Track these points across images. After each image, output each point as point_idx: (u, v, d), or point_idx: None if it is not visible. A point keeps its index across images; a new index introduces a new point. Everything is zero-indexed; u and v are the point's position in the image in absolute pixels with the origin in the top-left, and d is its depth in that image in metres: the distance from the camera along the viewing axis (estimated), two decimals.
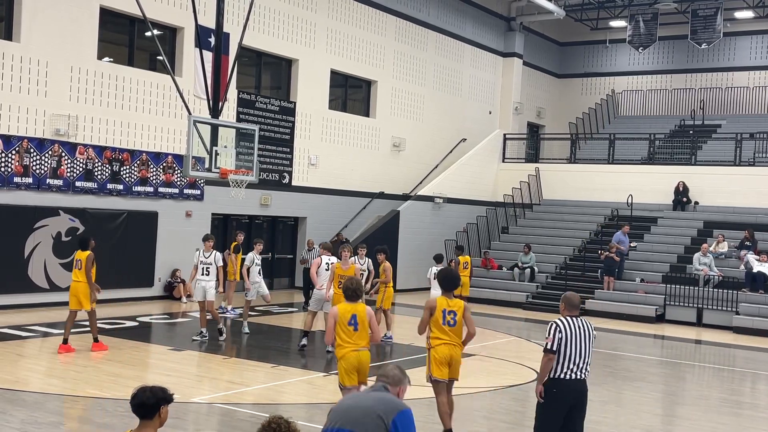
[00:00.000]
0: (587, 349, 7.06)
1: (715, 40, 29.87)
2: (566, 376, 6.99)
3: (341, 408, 4.68)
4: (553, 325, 7.09)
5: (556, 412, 7.05)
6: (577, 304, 7.22)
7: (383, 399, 4.67)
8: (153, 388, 4.48)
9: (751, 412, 11.46)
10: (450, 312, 8.42)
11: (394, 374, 4.86)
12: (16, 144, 16.47)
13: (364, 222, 24.98)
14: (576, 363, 6.99)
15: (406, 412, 4.62)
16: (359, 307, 8.29)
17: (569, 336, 6.99)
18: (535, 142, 32.37)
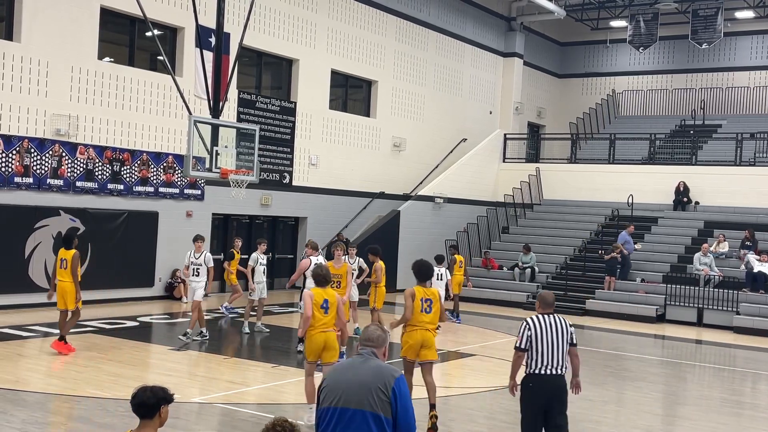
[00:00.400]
0: (560, 345, 7.23)
1: (716, 40, 29.87)
2: (541, 372, 7.19)
3: (338, 385, 4.58)
4: (523, 323, 7.35)
5: (535, 406, 7.26)
6: (551, 302, 7.42)
7: (378, 370, 4.63)
8: (153, 388, 4.48)
9: (752, 412, 11.46)
10: (426, 300, 9.11)
11: (378, 335, 4.82)
12: (16, 144, 16.48)
13: (364, 222, 24.98)
14: (549, 359, 7.19)
15: (401, 378, 4.63)
16: (329, 292, 9.08)
17: (539, 333, 7.21)
18: (536, 142, 32.38)
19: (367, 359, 4.71)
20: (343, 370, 4.69)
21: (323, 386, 4.63)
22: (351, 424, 4.49)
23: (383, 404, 4.49)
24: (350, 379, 4.59)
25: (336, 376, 4.66)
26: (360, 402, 4.49)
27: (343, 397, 4.53)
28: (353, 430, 4.47)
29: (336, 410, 4.52)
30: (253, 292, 15.41)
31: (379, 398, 4.50)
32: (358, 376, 4.59)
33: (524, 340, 7.25)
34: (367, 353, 4.75)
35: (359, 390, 4.52)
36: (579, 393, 7.80)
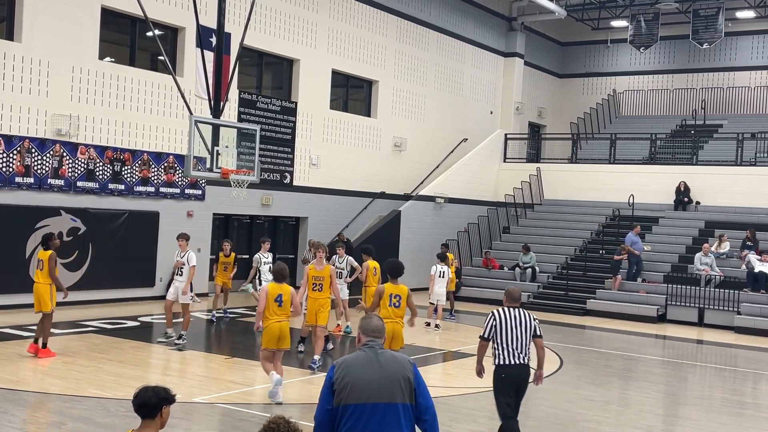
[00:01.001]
0: (524, 336, 7.86)
1: (717, 40, 29.86)
2: (509, 362, 7.85)
3: (364, 381, 4.56)
4: (489, 315, 8.04)
5: (508, 392, 7.95)
6: (516, 297, 8.10)
7: (396, 360, 4.71)
8: (155, 388, 4.48)
9: (753, 412, 11.45)
10: (395, 296, 10.20)
11: (382, 325, 4.89)
12: (17, 144, 16.48)
13: (365, 222, 24.98)
14: (514, 349, 7.82)
15: (414, 363, 4.76)
16: (285, 287, 10.07)
17: (503, 324, 7.87)
18: (537, 142, 32.38)
19: (380, 351, 4.73)
20: (362, 366, 4.64)
21: (344, 382, 4.56)
22: (384, 418, 4.52)
23: (409, 393, 4.61)
24: (376, 374, 4.60)
25: (357, 372, 4.61)
26: (391, 395, 4.55)
27: (374, 393, 4.54)
28: (386, 423, 4.51)
29: (366, 406, 4.52)
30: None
31: (406, 388, 4.60)
32: (382, 369, 4.62)
33: (488, 330, 7.91)
34: (378, 345, 4.77)
35: (389, 384, 4.57)
36: (539, 384, 8.39)
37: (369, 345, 4.76)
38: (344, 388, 4.56)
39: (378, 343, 4.78)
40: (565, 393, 11.66)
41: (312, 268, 12.43)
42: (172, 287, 13.88)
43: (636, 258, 21.86)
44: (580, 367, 13.96)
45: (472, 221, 26.30)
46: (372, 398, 4.53)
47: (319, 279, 12.32)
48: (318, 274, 12.35)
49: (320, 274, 12.37)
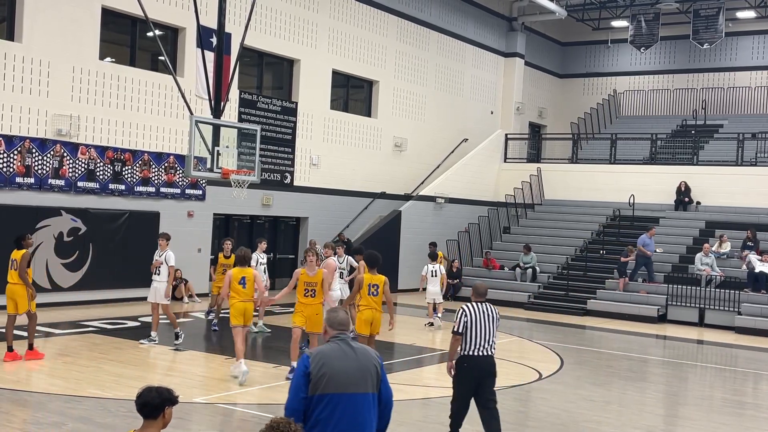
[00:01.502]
0: (491, 329, 8.29)
1: (717, 40, 29.86)
2: (474, 353, 8.15)
3: (341, 372, 4.78)
4: (460, 310, 8.36)
5: (468, 382, 8.21)
6: (483, 292, 8.62)
7: (366, 352, 4.98)
8: (159, 389, 4.46)
9: (754, 413, 11.45)
10: (374, 285, 11.35)
11: (343, 318, 5.06)
12: (18, 144, 16.48)
13: (365, 222, 24.98)
14: (482, 341, 8.19)
15: (380, 356, 5.09)
16: (247, 270, 11.54)
17: (473, 319, 8.25)
18: (537, 142, 32.38)
19: (351, 343, 4.95)
20: (339, 357, 4.84)
21: (321, 373, 4.75)
22: (358, 407, 4.77)
23: (377, 383, 4.91)
24: (351, 365, 4.83)
25: (335, 363, 4.80)
26: (365, 385, 4.83)
27: (350, 384, 4.77)
28: (359, 411, 4.77)
29: (343, 396, 4.74)
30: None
31: (375, 378, 4.89)
32: (357, 361, 4.86)
33: (461, 325, 8.25)
34: (348, 337, 5.00)
35: (363, 375, 4.84)
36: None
37: (340, 337, 4.95)
38: (321, 378, 4.74)
39: (347, 335, 4.99)
40: (565, 393, 11.66)
41: (303, 273, 11.52)
42: (151, 288, 13.52)
43: (646, 260, 21.70)
44: (580, 367, 13.96)
45: (472, 221, 26.30)
46: (349, 388, 4.77)
47: (311, 285, 11.45)
48: (310, 279, 11.48)
49: (312, 280, 11.49)
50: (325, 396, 4.72)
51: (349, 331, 5.10)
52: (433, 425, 9.40)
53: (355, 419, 4.76)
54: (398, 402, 10.19)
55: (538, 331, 18.25)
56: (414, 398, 10.79)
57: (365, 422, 4.81)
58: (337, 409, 4.73)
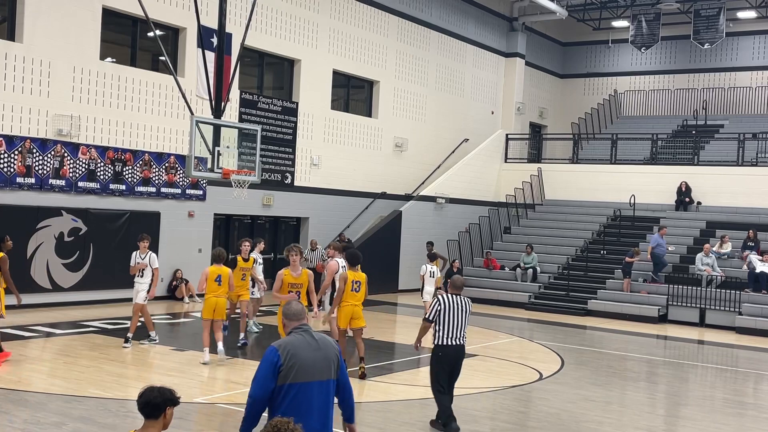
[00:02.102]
0: (463, 320, 8.94)
1: (718, 40, 29.86)
2: (447, 342, 8.91)
3: (308, 362, 5.06)
4: (434, 300, 9.12)
5: (443, 369, 9.01)
6: (459, 285, 9.18)
7: (327, 341, 5.27)
8: (161, 388, 4.46)
9: (754, 413, 11.44)
10: (356, 282, 11.67)
11: (298, 309, 5.32)
12: (18, 144, 16.48)
13: (366, 222, 24.97)
14: (453, 331, 8.88)
15: (337, 343, 5.45)
16: (223, 269, 12.33)
17: (446, 309, 8.88)
18: (538, 142, 32.37)
19: (313, 334, 5.23)
20: (305, 348, 5.12)
21: (290, 363, 5.01)
22: (322, 393, 5.11)
23: (337, 370, 5.23)
24: (317, 355, 5.14)
25: (303, 354, 5.09)
26: (328, 373, 5.16)
27: (317, 372, 5.09)
28: (323, 398, 5.12)
29: (311, 384, 5.05)
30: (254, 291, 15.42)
31: (335, 365, 5.22)
32: (320, 350, 5.16)
33: (433, 313, 8.95)
34: (308, 327, 5.28)
35: (327, 363, 5.16)
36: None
37: (302, 329, 5.22)
38: (291, 368, 5.00)
39: (307, 325, 5.26)
40: (566, 393, 11.65)
41: (287, 274, 11.14)
42: (134, 291, 13.27)
43: (659, 260, 21.63)
44: (581, 367, 13.95)
45: (473, 221, 26.29)
46: (316, 377, 5.08)
47: (295, 286, 11.14)
48: (294, 280, 11.14)
49: (297, 281, 11.15)
50: (293, 385, 4.99)
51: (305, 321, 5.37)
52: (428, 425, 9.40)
53: (321, 404, 5.09)
54: (399, 402, 10.22)
55: (539, 332, 18.25)
56: (414, 398, 10.79)
57: (329, 406, 5.18)
58: (305, 397, 5.02)
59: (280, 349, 5.07)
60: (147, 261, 13.31)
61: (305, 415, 4.96)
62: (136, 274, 13.33)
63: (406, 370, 12.94)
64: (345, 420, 5.45)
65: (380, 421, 9.58)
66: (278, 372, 4.99)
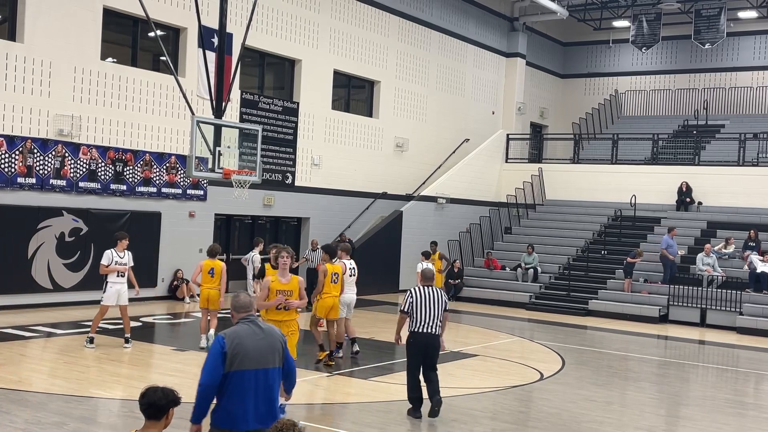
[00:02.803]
0: (436, 310, 9.40)
1: (719, 40, 29.84)
2: (419, 330, 9.37)
3: (253, 351, 5.37)
4: (408, 292, 9.54)
5: (416, 354, 9.50)
6: (430, 276, 9.72)
7: (272, 331, 5.62)
8: (164, 389, 4.46)
9: (756, 413, 11.44)
10: (335, 274, 12.47)
11: (245, 301, 5.64)
12: (19, 144, 16.49)
13: (367, 222, 24.98)
14: (426, 320, 9.35)
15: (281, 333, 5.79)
16: (216, 262, 13.29)
17: (419, 301, 9.37)
18: (539, 143, 32.36)
19: (259, 324, 5.55)
20: (250, 337, 5.43)
21: (236, 351, 5.32)
22: (268, 380, 5.43)
23: (281, 357, 5.57)
24: (262, 344, 5.46)
25: (248, 342, 5.40)
26: (273, 361, 5.49)
27: (262, 360, 5.41)
28: (269, 384, 5.44)
29: (257, 372, 5.37)
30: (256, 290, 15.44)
31: (280, 353, 5.55)
32: (266, 339, 5.49)
33: (407, 305, 9.45)
34: (255, 318, 5.59)
35: (272, 351, 5.49)
36: (444, 350, 9.88)
37: (249, 319, 5.55)
38: (236, 356, 5.31)
39: (253, 316, 5.59)
40: (567, 393, 11.65)
41: (274, 279, 9.39)
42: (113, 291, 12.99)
43: (670, 262, 21.56)
44: (582, 367, 13.95)
45: (473, 221, 26.29)
46: (261, 365, 5.40)
47: (284, 294, 9.29)
48: (283, 287, 9.32)
49: (286, 287, 9.34)
50: (239, 372, 5.30)
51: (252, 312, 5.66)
52: (434, 425, 9.40)
53: (266, 390, 5.41)
54: (400, 402, 10.21)
55: (540, 332, 18.25)
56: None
57: (274, 392, 5.50)
58: (251, 383, 5.33)
59: (227, 338, 5.36)
60: (126, 260, 13.17)
61: (250, 401, 5.32)
62: (117, 274, 13.01)
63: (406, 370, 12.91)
64: (285, 390, 5.85)
65: (380, 421, 9.58)
66: (225, 359, 5.28)
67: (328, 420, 9.66)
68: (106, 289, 13.05)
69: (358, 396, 11.06)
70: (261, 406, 5.37)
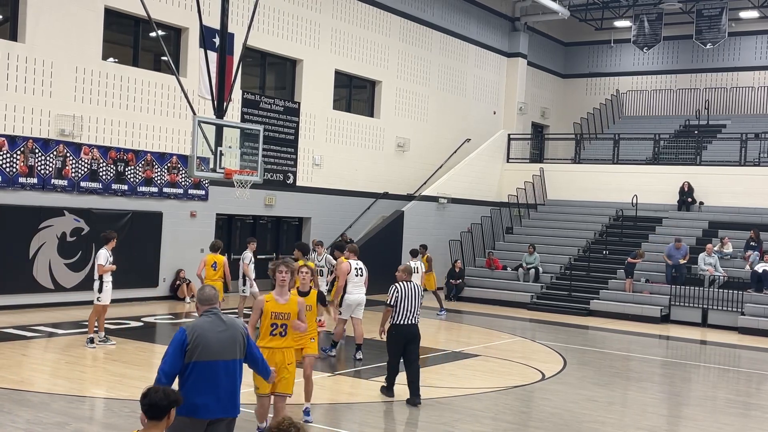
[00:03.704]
0: (416, 303, 10.32)
1: (720, 40, 29.82)
2: (401, 322, 10.21)
3: (213, 343, 5.58)
4: (393, 287, 10.30)
5: (397, 345, 10.30)
6: (410, 272, 10.61)
7: (234, 324, 5.80)
8: (165, 390, 4.52)
9: (757, 413, 11.44)
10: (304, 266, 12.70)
11: (213, 294, 5.83)
12: (21, 144, 16.50)
13: (368, 222, 24.98)
14: (408, 313, 10.22)
15: (244, 325, 5.98)
16: (218, 257, 14.65)
17: (403, 295, 10.21)
18: (540, 142, 32.34)
19: (221, 317, 5.73)
20: (211, 329, 5.63)
21: (196, 343, 5.54)
22: (227, 372, 5.61)
23: (242, 349, 5.78)
24: (223, 336, 5.64)
25: (209, 334, 5.61)
26: (233, 353, 5.67)
27: (222, 352, 5.60)
28: (228, 376, 5.61)
29: (217, 363, 5.56)
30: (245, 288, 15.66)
31: (241, 346, 5.75)
32: (226, 332, 5.67)
33: (392, 299, 10.23)
34: (218, 311, 5.77)
35: (231, 344, 5.67)
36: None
37: (211, 312, 5.74)
38: (196, 347, 5.53)
39: (216, 309, 5.78)
40: (568, 393, 11.65)
41: (269, 299, 7.72)
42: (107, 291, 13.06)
43: (671, 266, 21.42)
44: (583, 367, 13.95)
45: (475, 221, 26.29)
46: (222, 356, 5.60)
47: (280, 317, 7.68)
48: (279, 308, 7.70)
49: (283, 309, 7.70)
50: (198, 363, 5.51)
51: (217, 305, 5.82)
52: (435, 425, 9.40)
53: (227, 381, 5.59)
54: (401, 402, 10.20)
55: (541, 332, 18.24)
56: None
57: (236, 383, 5.68)
58: (210, 374, 5.53)
59: (188, 330, 5.59)
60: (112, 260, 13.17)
61: (212, 391, 5.53)
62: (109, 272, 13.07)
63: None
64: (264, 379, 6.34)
65: (382, 421, 9.58)
66: (185, 351, 5.52)
67: (330, 420, 9.66)
68: (103, 289, 13.04)
69: (360, 396, 11.06)
70: (223, 396, 5.58)
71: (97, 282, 13.14)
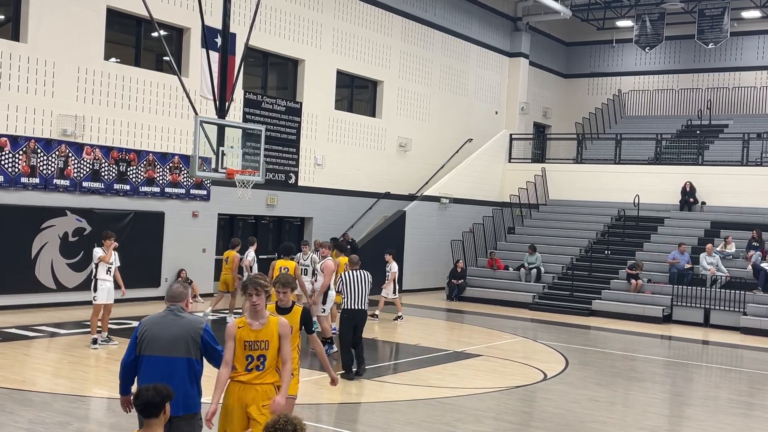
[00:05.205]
0: (364, 289, 11.65)
1: (722, 39, 29.80)
2: (351, 307, 11.62)
3: (160, 337, 5.69)
4: (340, 276, 11.86)
5: (348, 326, 11.67)
6: (356, 261, 11.96)
7: (189, 322, 5.78)
8: (156, 387, 4.63)
9: (759, 413, 11.43)
10: (284, 268, 13.03)
11: (180, 291, 5.88)
12: (23, 144, 16.51)
13: (370, 222, 24.97)
14: (355, 298, 11.59)
15: (207, 327, 5.87)
16: (231, 253, 16.24)
17: (349, 282, 11.58)
18: (542, 142, 32.31)
19: (178, 314, 5.77)
20: (161, 324, 5.74)
21: (143, 336, 5.70)
22: (170, 369, 5.64)
23: (196, 349, 5.74)
24: (169, 332, 5.69)
25: (156, 329, 5.72)
26: (178, 350, 5.68)
27: (164, 347, 5.66)
28: (170, 373, 5.62)
29: (159, 358, 5.65)
30: None
31: (194, 345, 5.72)
32: (176, 329, 5.70)
33: (339, 285, 11.89)
34: (176, 309, 5.80)
35: (177, 341, 5.67)
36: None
37: (170, 308, 5.83)
38: (143, 340, 5.71)
39: (177, 307, 5.83)
40: (570, 393, 11.65)
41: (244, 326, 6.09)
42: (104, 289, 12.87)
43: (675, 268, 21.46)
44: (585, 367, 13.94)
45: (477, 221, 26.27)
46: (162, 352, 5.66)
47: (255, 346, 6.08)
48: (253, 336, 6.07)
49: (258, 337, 6.07)
50: (144, 357, 5.69)
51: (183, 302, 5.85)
52: (437, 425, 9.40)
53: (171, 378, 5.55)
54: (402, 402, 10.21)
55: (543, 332, 18.23)
56: (418, 398, 10.79)
57: (184, 382, 5.70)
58: (153, 369, 5.65)
59: (141, 323, 5.80)
60: (114, 260, 13.15)
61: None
62: (104, 272, 12.97)
63: (409, 370, 12.93)
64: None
65: (383, 421, 9.58)
66: (137, 343, 5.72)
67: (331, 420, 9.66)
68: (97, 288, 12.92)
69: (361, 396, 11.06)
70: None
71: (93, 281, 13.08)
